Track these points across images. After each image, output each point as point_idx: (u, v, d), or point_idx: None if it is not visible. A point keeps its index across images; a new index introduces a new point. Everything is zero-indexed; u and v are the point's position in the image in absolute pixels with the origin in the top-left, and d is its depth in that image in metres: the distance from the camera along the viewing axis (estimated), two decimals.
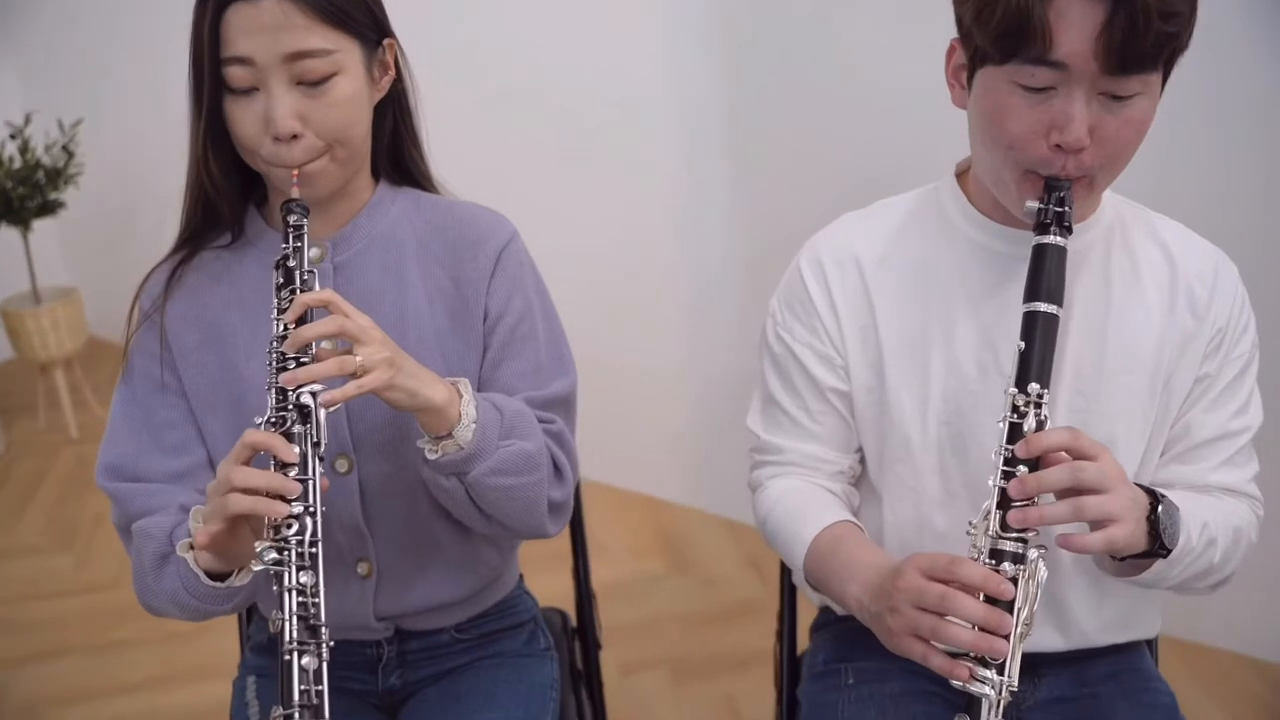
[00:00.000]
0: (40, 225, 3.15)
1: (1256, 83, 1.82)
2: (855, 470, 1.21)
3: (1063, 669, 1.16)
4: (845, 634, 1.24)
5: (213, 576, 0.98)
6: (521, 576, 1.37)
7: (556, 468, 1.13)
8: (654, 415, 2.80)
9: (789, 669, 1.34)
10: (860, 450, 1.19)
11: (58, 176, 3.06)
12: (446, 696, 1.22)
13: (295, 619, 0.87)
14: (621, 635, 2.21)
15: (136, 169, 3.65)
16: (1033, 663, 1.13)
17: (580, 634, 1.49)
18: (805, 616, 1.37)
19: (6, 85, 3.82)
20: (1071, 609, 1.13)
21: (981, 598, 0.91)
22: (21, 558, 2.73)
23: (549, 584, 1.55)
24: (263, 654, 1.28)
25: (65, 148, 3.09)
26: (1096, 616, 1.14)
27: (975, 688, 0.91)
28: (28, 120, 3.05)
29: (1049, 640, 1.13)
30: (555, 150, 2.65)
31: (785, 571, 1.37)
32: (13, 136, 3.02)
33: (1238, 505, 1.10)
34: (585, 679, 1.46)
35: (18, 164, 3.01)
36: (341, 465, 1.11)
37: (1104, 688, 1.16)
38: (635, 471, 2.87)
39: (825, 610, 1.31)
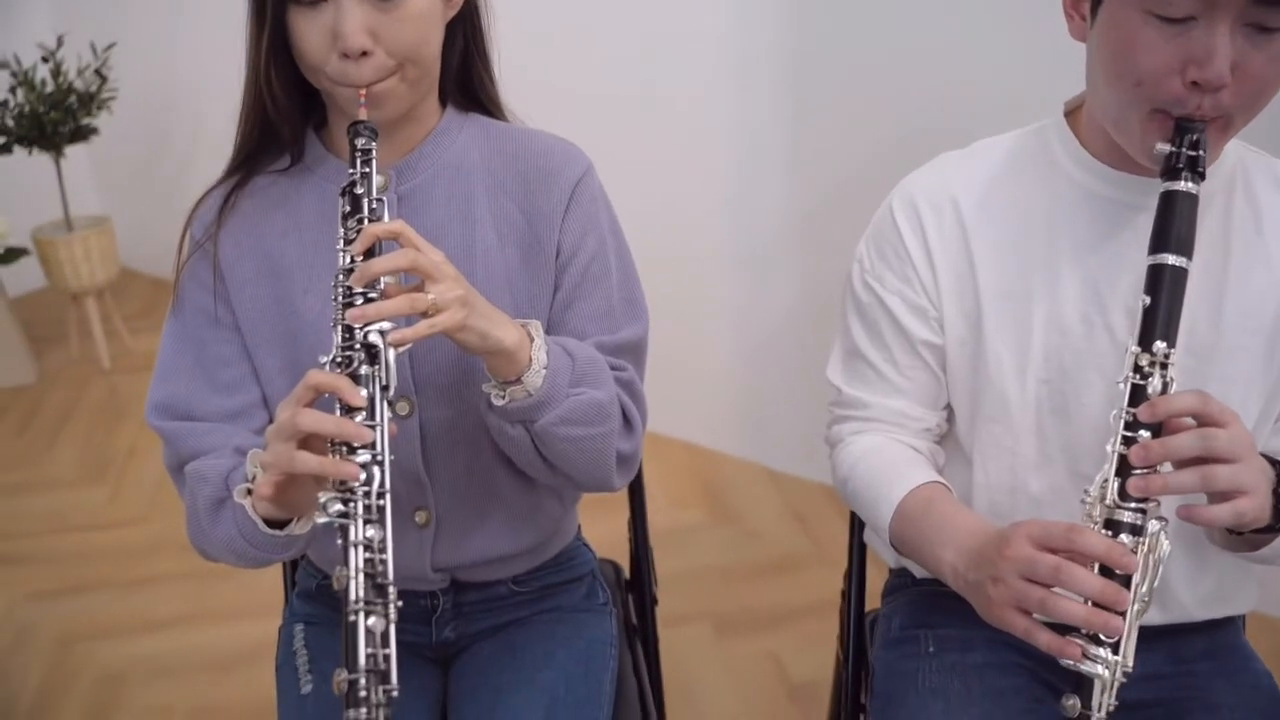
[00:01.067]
0: (72, 152, 3.09)
1: None
2: (943, 428, 1.14)
3: (1157, 644, 1.09)
4: (924, 598, 1.18)
5: (270, 524, 0.93)
6: (580, 528, 1.31)
7: (626, 418, 1.07)
8: (697, 358, 2.73)
9: (855, 631, 1.28)
10: (949, 407, 1.12)
11: (90, 101, 2.99)
12: (503, 651, 1.17)
13: (362, 576, 0.80)
14: (662, 586, 2.16)
15: (168, 96, 3.59)
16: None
17: (636, 588, 1.44)
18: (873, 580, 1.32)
19: (37, 6, 3.73)
20: (1168, 581, 1.06)
21: (1096, 570, 0.84)
22: (52, 490, 2.71)
23: (598, 533, 1.50)
24: (311, 601, 1.23)
25: (98, 71, 3.02)
26: (1193, 590, 1.08)
27: (1087, 667, 0.85)
28: (60, 43, 2.98)
29: (1149, 615, 1.06)
30: (612, 91, 2.56)
31: (855, 528, 1.30)
32: (44, 59, 2.95)
33: None
34: (641, 634, 1.41)
35: (49, 88, 2.94)
36: (403, 408, 1.04)
37: (1200, 665, 1.10)
38: (676, 416, 2.80)
39: (901, 573, 1.25)
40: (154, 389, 1.05)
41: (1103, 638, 0.85)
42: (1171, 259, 0.88)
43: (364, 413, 0.84)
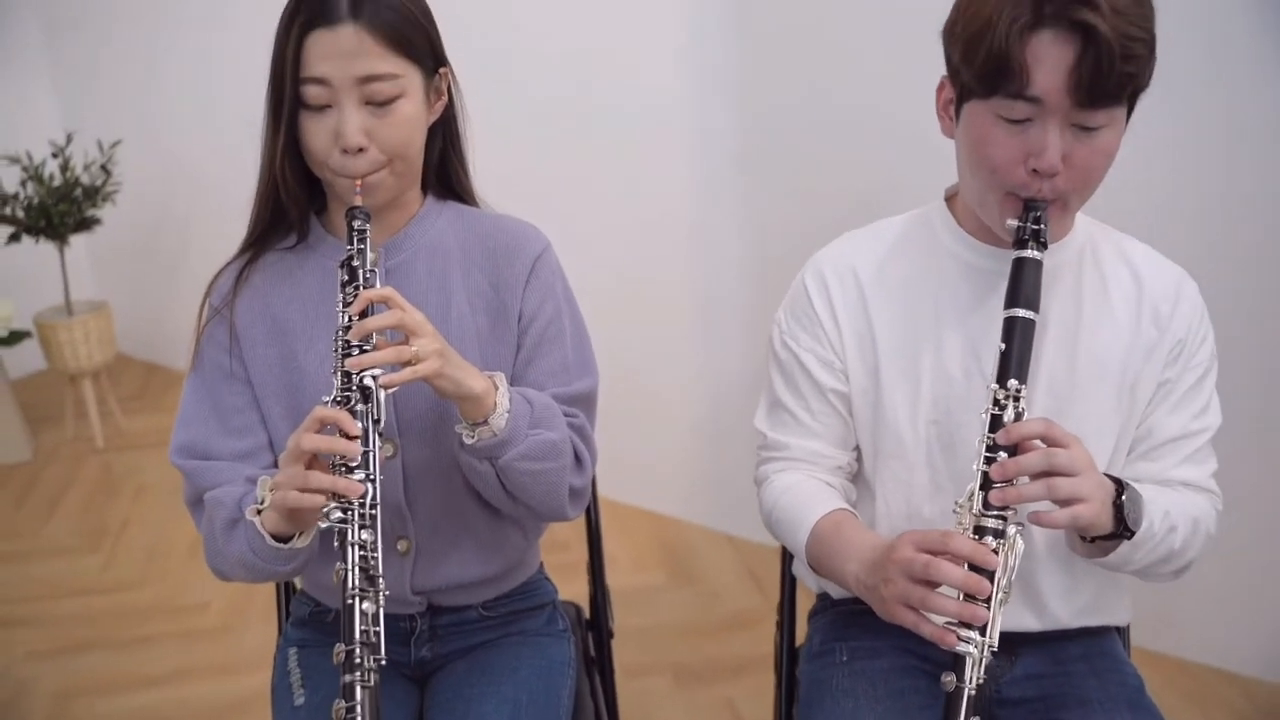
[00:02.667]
0: (73, 241, 3.29)
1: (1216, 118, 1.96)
2: (852, 467, 1.32)
3: (1038, 648, 1.27)
4: (840, 617, 1.36)
5: (277, 540, 1.10)
6: (542, 564, 1.48)
7: (578, 457, 1.25)
8: (659, 433, 2.92)
9: (788, 651, 1.45)
10: (857, 449, 1.31)
11: (95, 194, 3.20)
12: (473, 668, 1.33)
13: (356, 569, 0.99)
14: (626, 642, 2.30)
15: (164, 191, 3.81)
16: (1010, 642, 1.24)
17: (594, 624, 1.60)
18: (803, 609, 1.49)
19: (48, 105, 3.98)
20: (1045, 594, 1.24)
21: (966, 568, 1.02)
22: (49, 558, 2.84)
23: (562, 583, 1.66)
24: (303, 628, 1.39)
25: (104, 167, 3.24)
26: (1069, 602, 1.25)
27: (960, 648, 1.02)
28: (69, 140, 3.20)
29: (1025, 621, 1.24)
30: (570, 170, 2.79)
31: (785, 562, 1.48)
32: (55, 155, 3.17)
33: (1197, 498, 1.21)
34: (599, 665, 1.57)
35: (58, 181, 3.15)
36: (387, 450, 1.22)
37: (1076, 666, 1.26)
38: (641, 488, 2.99)
39: (822, 597, 1.42)
40: (176, 433, 1.23)
41: (972, 625, 1.02)
42: (1021, 312, 1.08)
43: (359, 441, 1.03)
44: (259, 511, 1.10)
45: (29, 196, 3.14)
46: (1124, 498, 1.08)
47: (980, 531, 1.04)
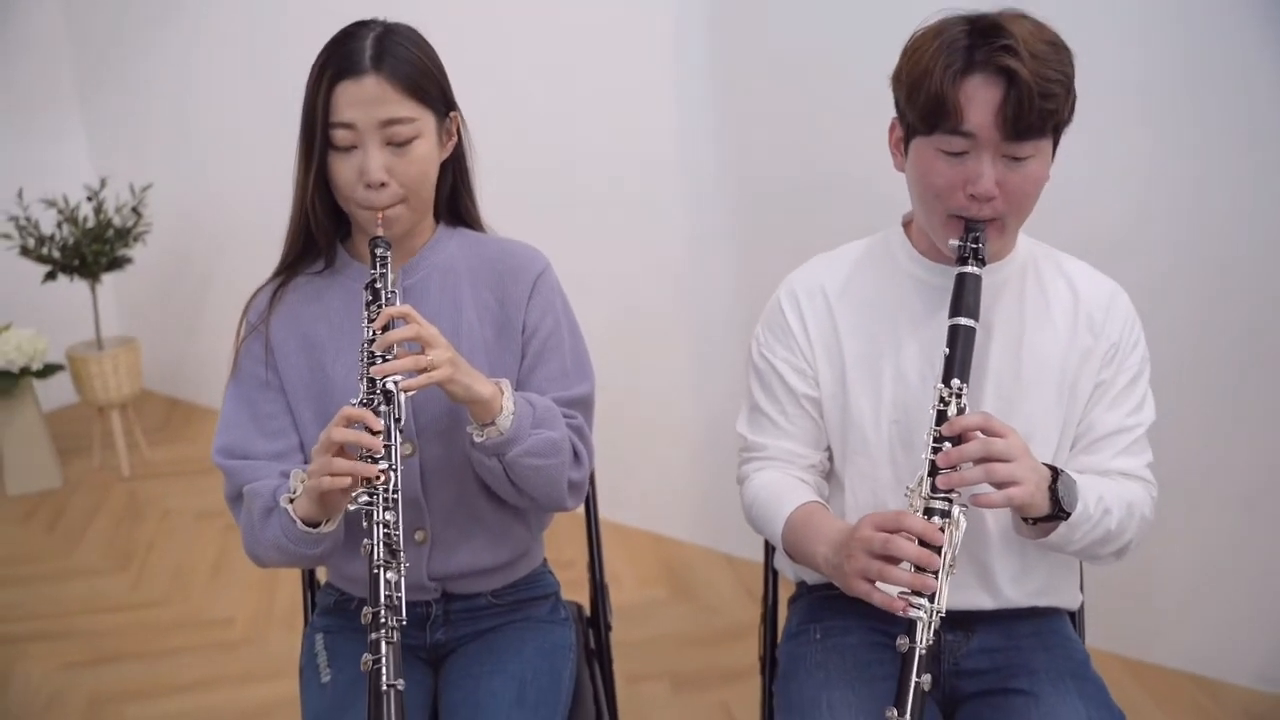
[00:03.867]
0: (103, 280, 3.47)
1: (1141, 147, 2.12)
2: (825, 466, 1.46)
3: (991, 626, 1.40)
4: (815, 601, 1.49)
5: (307, 524, 1.25)
6: (546, 559, 1.62)
7: (576, 454, 1.40)
8: (661, 459, 3.08)
9: (770, 637, 1.59)
10: (829, 450, 1.45)
11: (127, 234, 3.39)
12: (483, 650, 1.47)
13: (381, 544, 1.14)
14: (628, 651, 2.44)
15: (187, 235, 4.00)
16: (966, 619, 1.38)
17: (594, 621, 1.74)
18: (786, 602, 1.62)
19: (83, 152, 4.21)
20: (998, 576, 1.37)
21: (918, 544, 1.16)
22: (79, 578, 2.99)
23: (566, 583, 1.80)
24: (329, 615, 1.53)
25: (135, 209, 3.42)
26: (1021, 585, 1.39)
27: (911, 613, 1.15)
28: (103, 184, 3.39)
29: (981, 601, 1.38)
30: (574, 214, 2.97)
31: (768, 556, 1.62)
32: (89, 198, 3.36)
33: (1133, 485, 1.34)
34: (598, 657, 1.71)
35: (92, 223, 3.34)
36: (406, 449, 1.37)
37: (1026, 642, 1.40)
38: (644, 511, 3.14)
39: (800, 584, 1.56)
40: (218, 436, 1.38)
41: (923, 594, 1.16)
42: (963, 321, 1.22)
43: (382, 436, 1.18)
44: (292, 500, 1.25)
45: (64, 237, 3.32)
46: (1059, 482, 1.22)
47: (929, 512, 1.18)
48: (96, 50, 4.14)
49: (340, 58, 1.27)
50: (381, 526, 1.15)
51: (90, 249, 3.28)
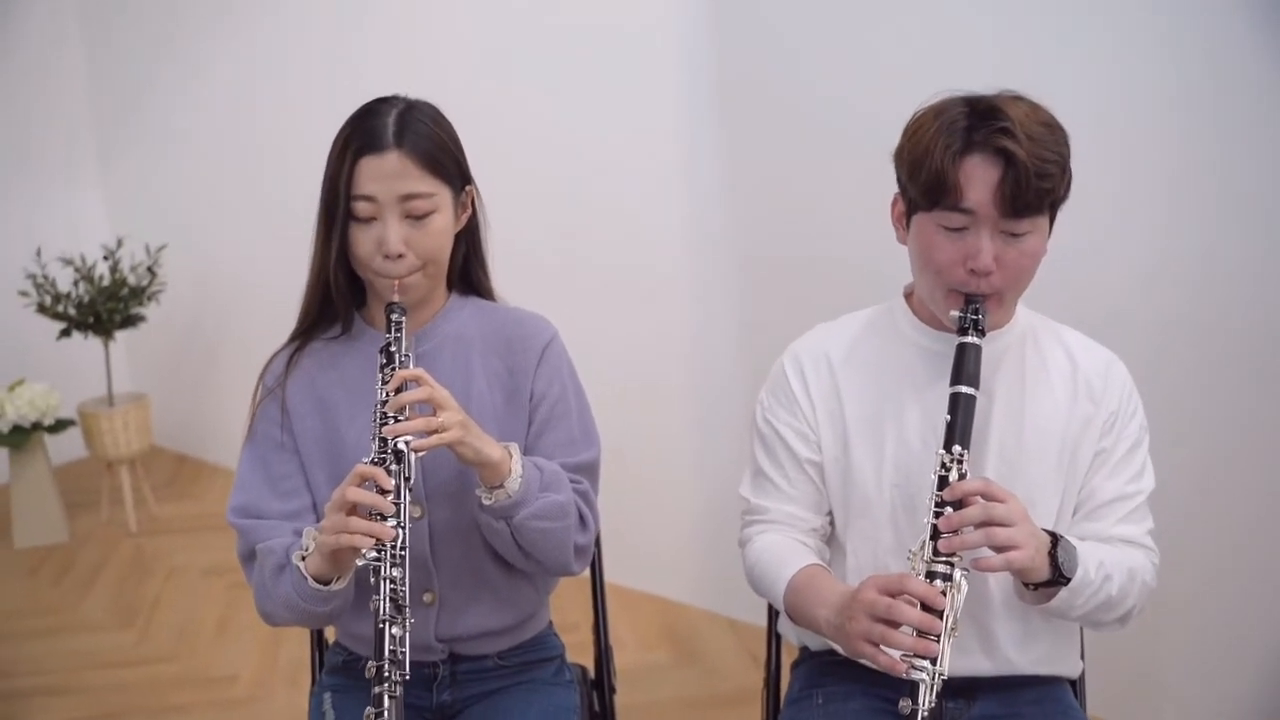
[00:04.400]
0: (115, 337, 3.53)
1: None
2: (826, 530, 1.48)
3: (993, 693, 1.41)
4: (818, 666, 1.51)
5: (318, 583, 1.27)
6: (551, 622, 1.64)
7: (581, 518, 1.42)
8: (664, 521, 3.09)
9: (773, 703, 1.60)
10: (830, 514, 1.47)
11: (141, 293, 3.45)
12: (488, 712, 1.48)
13: (387, 600, 1.17)
14: (630, 715, 2.41)
15: (199, 295, 4.07)
16: (968, 686, 1.39)
17: (598, 683, 1.75)
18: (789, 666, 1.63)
19: (101, 213, 4.30)
20: (1000, 641, 1.39)
21: (920, 607, 1.18)
22: (84, 633, 2.99)
23: (571, 646, 1.81)
24: (337, 674, 1.54)
25: (150, 269, 3.49)
26: (1024, 651, 1.40)
27: (914, 675, 1.17)
28: (120, 244, 3.46)
29: (981, 666, 1.39)
30: (581, 279, 3.02)
31: (771, 620, 1.64)
32: (105, 257, 3.42)
33: (1134, 552, 1.36)
34: (602, 718, 1.72)
35: (107, 281, 3.40)
36: (415, 511, 1.40)
37: (1028, 709, 1.41)
38: (647, 573, 3.14)
39: (802, 649, 1.57)
40: (233, 496, 1.41)
41: (925, 657, 1.17)
42: (964, 389, 1.25)
43: (392, 495, 1.21)
44: (304, 558, 1.27)
45: (80, 295, 3.38)
46: (1059, 548, 1.24)
47: (931, 575, 1.20)
48: (117, 113, 4.24)
49: (364, 133, 1.32)
50: (388, 582, 1.18)
51: (105, 307, 3.33)
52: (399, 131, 1.31)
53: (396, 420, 1.25)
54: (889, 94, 1.60)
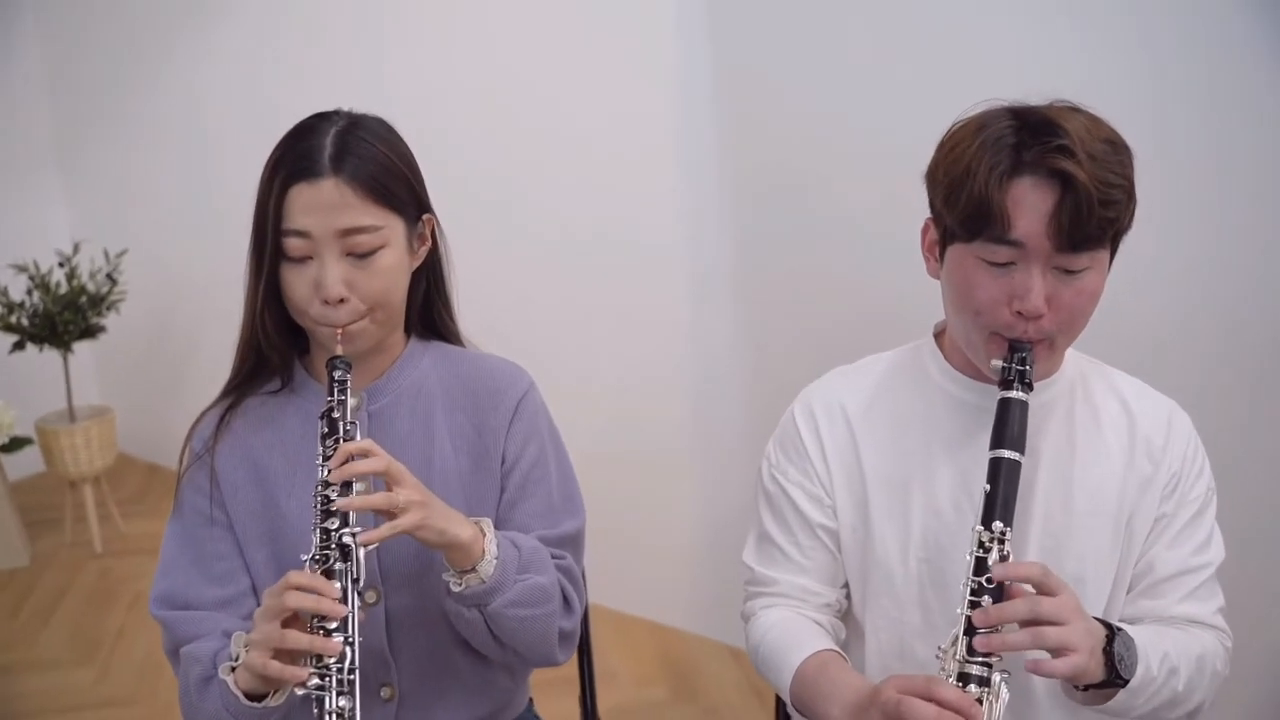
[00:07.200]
0: (77, 346, 3.30)
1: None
2: (841, 605, 1.29)
3: None
4: None
5: (251, 697, 1.07)
6: (531, 700, 1.45)
7: (566, 600, 1.23)
8: (661, 544, 2.89)
9: None
10: (846, 586, 1.28)
11: (100, 302, 3.23)
12: None
13: None
14: None
15: (171, 297, 3.85)
16: None
17: None
18: None
19: (58, 216, 4.05)
20: None
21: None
22: (42, 671, 2.80)
23: (559, 708, 1.63)
24: None
25: (110, 275, 3.27)
26: None
27: None
28: (76, 249, 3.24)
29: None
30: (574, 294, 2.82)
31: (780, 701, 1.44)
32: (61, 264, 3.20)
33: (1203, 636, 1.17)
34: None
35: (64, 289, 3.18)
36: (370, 596, 1.20)
37: None
38: (642, 598, 2.96)
39: None
40: (157, 583, 1.21)
41: None
42: (1007, 453, 1.06)
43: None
44: (233, 669, 1.07)
45: (34, 304, 3.16)
46: (1115, 644, 1.05)
47: (964, 679, 1.02)
48: (78, 112, 4.01)
49: (296, 156, 1.11)
50: (335, 716, 0.97)
51: (61, 317, 3.12)
52: (337, 154, 1.11)
53: (342, 493, 1.04)
54: (913, 105, 1.40)
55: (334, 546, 1.03)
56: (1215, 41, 1.84)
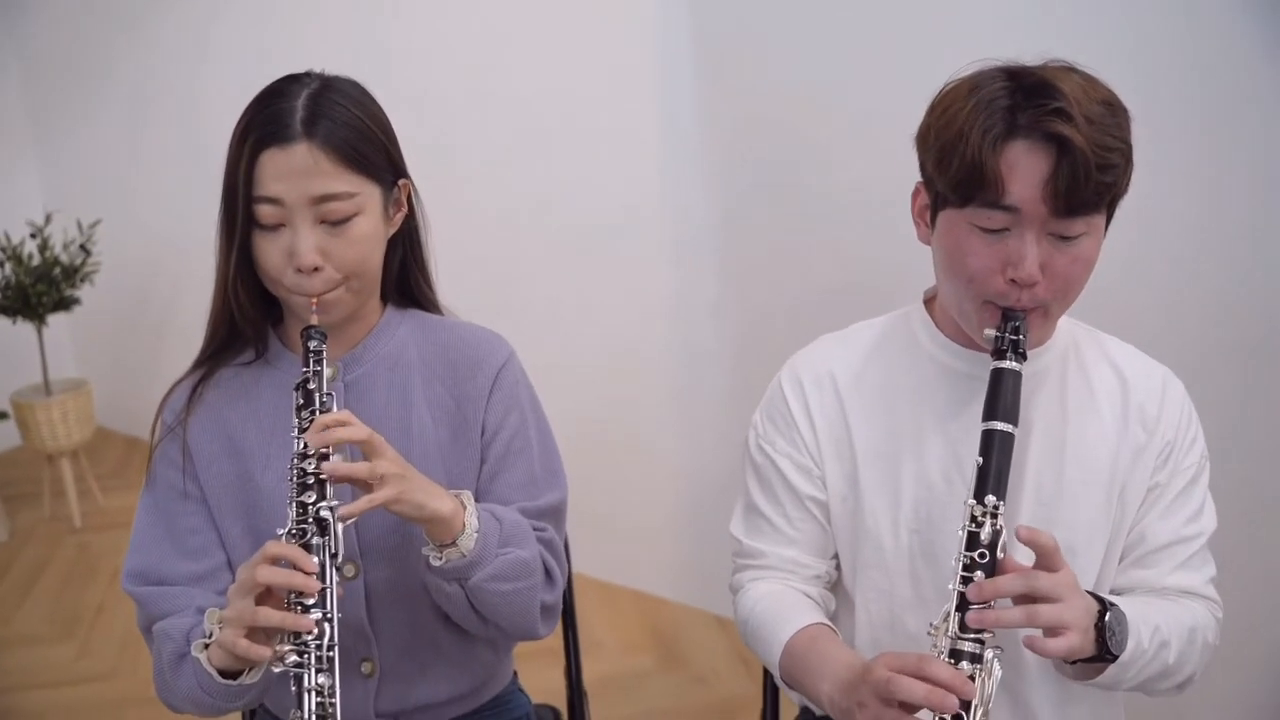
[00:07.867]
0: (53, 318, 3.25)
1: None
2: (831, 576, 1.27)
3: None
4: None
5: (226, 674, 1.05)
6: (515, 674, 1.43)
7: (548, 573, 1.21)
8: (646, 513, 2.87)
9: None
10: (836, 557, 1.26)
11: (74, 274, 3.17)
12: None
13: (314, 718, 0.93)
14: None
15: (147, 268, 3.79)
16: None
17: None
18: (787, 716, 1.43)
19: (29, 185, 3.97)
20: (1037, 712, 1.19)
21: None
22: (21, 647, 2.77)
23: (544, 679, 1.61)
24: None
25: (83, 246, 3.21)
26: (1062, 716, 1.20)
27: None
28: (48, 220, 3.17)
29: None
30: (556, 263, 2.78)
31: (769, 671, 1.43)
32: (33, 235, 3.14)
33: (1194, 606, 1.16)
34: None
35: (36, 261, 3.12)
36: (349, 570, 1.18)
37: None
38: (628, 568, 2.93)
39: (805, 710, 1.36)
40: (129, 558, 1.18)
41: None
42: (1000, 425, 1.03)
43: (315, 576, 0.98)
44: (206, 645, 1.05)
45: (6, 277, 3.10)
46: (1106, 619, 1.03)
47: (956, 655, 1.00)
48: (47, 81, 3.92)
49: (265, 120, 1.07)
50: (314, 694, 0.94)
51: (35, 289, 3.05)
52: (309, 118, 1.07)
53: (319, 478, 1.01)
54: (887, 52, 1.36)
55: (311, 520, 1.00)
56: (1203, 13, 1.81)
